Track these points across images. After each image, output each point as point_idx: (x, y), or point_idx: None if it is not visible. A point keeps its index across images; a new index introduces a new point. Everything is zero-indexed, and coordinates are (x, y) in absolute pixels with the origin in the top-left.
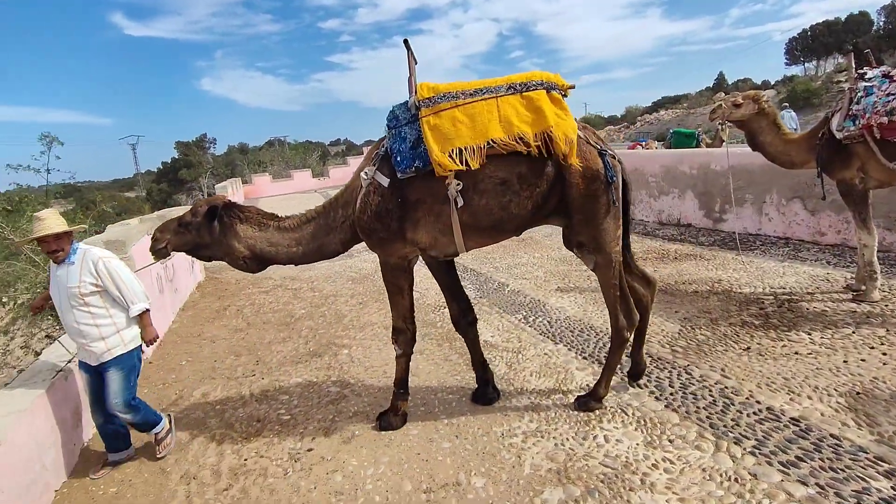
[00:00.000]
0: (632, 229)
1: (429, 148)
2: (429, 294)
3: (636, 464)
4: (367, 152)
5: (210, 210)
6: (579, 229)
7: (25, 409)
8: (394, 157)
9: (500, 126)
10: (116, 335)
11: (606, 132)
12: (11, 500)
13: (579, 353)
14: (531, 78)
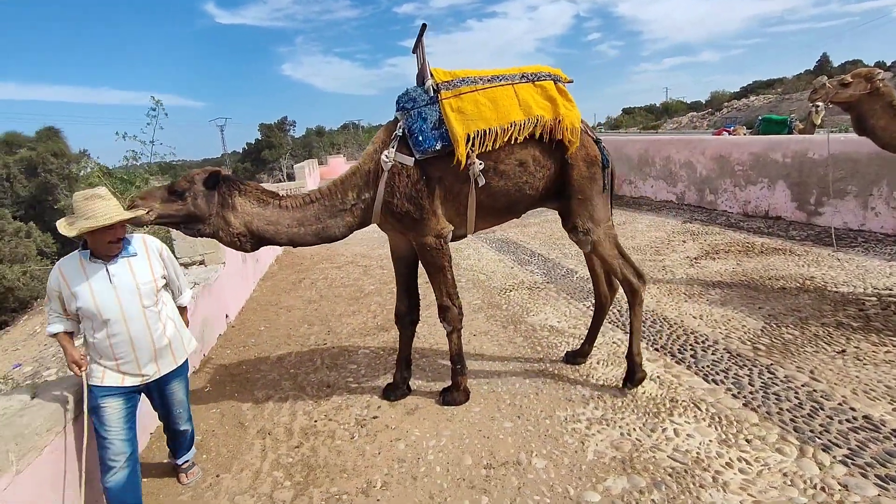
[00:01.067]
0: (641, 214)
1: (451, 128)
2: (495, 277)
3: (708, 461)
4: (378, 135)
5: (212, 176)
6: (577, 209)
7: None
8: (414, 136)
9: (520, 110)
10: (180, 334)
11: (689, 119)
12: None
13: (650, 343)
14: (540, 70)
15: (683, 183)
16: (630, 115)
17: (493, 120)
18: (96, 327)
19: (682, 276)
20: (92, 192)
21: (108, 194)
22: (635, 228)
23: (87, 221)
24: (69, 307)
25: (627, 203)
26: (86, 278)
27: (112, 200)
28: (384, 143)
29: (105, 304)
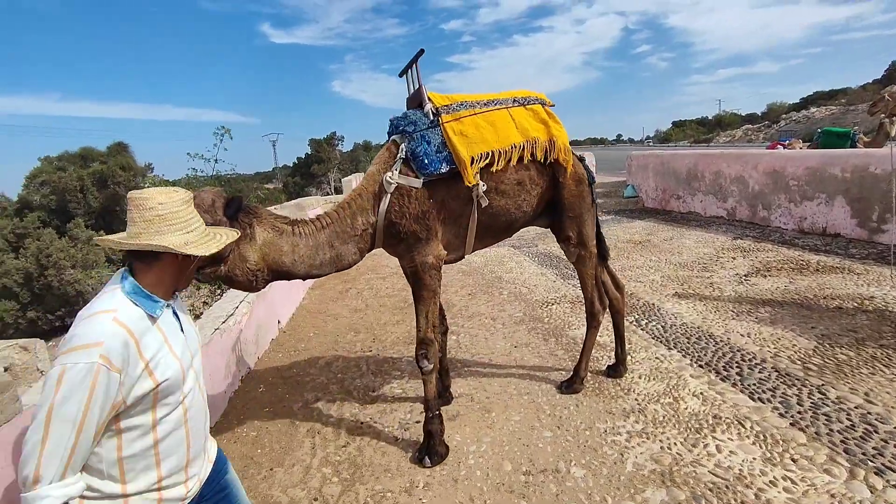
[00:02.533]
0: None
1: (455, 152)
2: (537, 290)
3: (751, 478)
4: (379, 157)
5: (233, 202)
6: (569, 226)
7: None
8: (419, 159)
9: (518, 132)
10: None
11: (744, 132)
12: None
13: (695, 360)
14: (527, 94)
15: (734, 198)
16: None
17: (495, 142)
18: (164, 416)
19: (730, 294)
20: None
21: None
22: (682, 244)
23: (215, 239)
24: (135, 391)
25: (675, 218)
26: (161, 334)
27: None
28: (386, 164)
29: (183, 371)
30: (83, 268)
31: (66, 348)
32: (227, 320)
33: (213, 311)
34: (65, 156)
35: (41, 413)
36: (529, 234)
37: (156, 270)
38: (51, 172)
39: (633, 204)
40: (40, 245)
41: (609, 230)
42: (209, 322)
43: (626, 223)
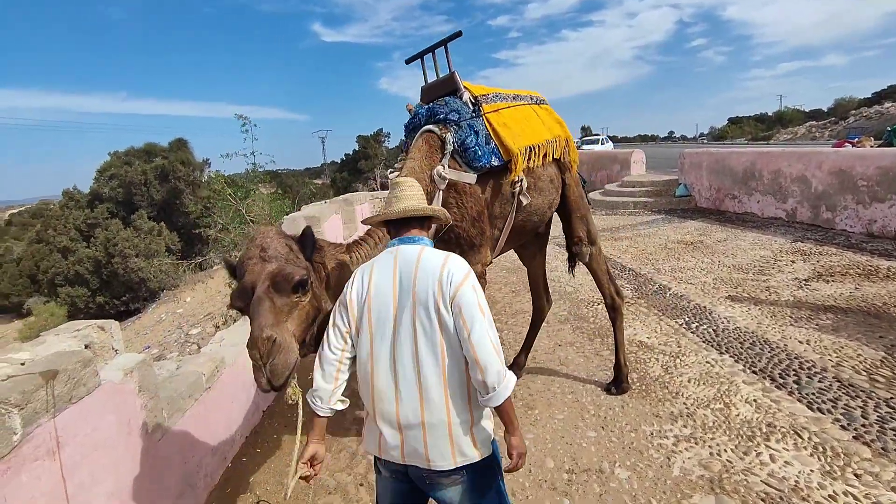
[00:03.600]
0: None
1: (505, 144)
2: (583, 289)
3: (808, 490)
4: (417, 148)
5: (307, 241)
6: (578, 226)
7: (245, 343)
8: (469, 150)
9: (545, 129)
10: None
11: (807, 129)
12: (239, 411)
13: (748, 365)
14: (533, 94)
15: (795, 199)
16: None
17: (532, 137)
18: None
19: (788, 299)
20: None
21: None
22: (737, 246)
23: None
24: None
25: (730, 219)
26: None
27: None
28: (430, 158)
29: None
30: (146, 257)
31: (462, 274)
32: None
33: None
34: (131, 151)
35: (486, 316)
36: None
37: (426, 230)
38: (118, 166)
39: (686, 203)
40: (108, 234)
41: (659, 230)
42: None
43: (678, 223)
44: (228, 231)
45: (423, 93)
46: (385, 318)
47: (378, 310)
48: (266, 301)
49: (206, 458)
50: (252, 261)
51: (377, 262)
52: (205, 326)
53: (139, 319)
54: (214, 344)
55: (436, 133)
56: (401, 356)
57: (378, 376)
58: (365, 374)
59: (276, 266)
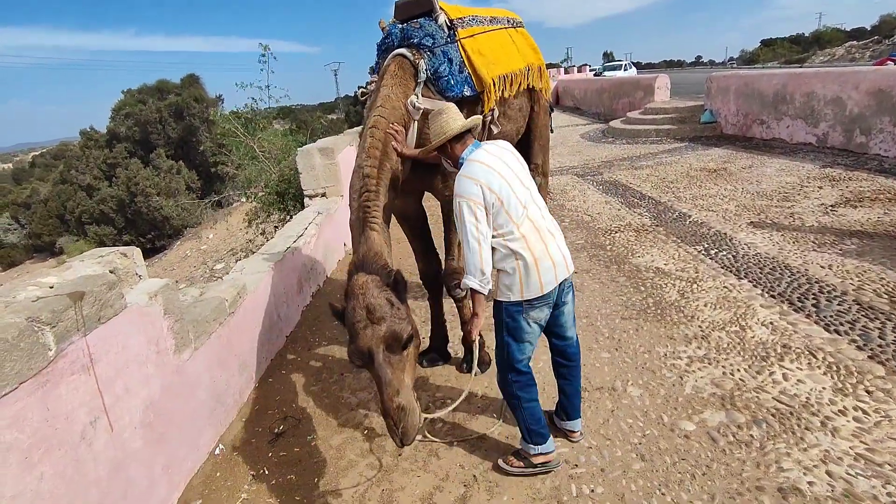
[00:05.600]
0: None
1: (478, 73)
2: (600, 218)
3: (818, 406)
4: (390, 74)
5: (399, 287)
6: (537, 154)
7: (265, 272)
8: (443, 79)
9: (520, 56)
10: None
11: (846, 49)
12: (262, 335)
13: (766, 290)
14: (508, 14)
15: (827, 122)
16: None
17: (506, 65)
18: None
19: (812, 224)
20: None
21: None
22: (762, 173)
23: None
24: None
25: (756, 146)
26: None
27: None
28: (403, 86)
29: None
30: (167, 195)
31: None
32: (297, 240)
33: (284, 231)
34: (144, 88)
35: None
36: (595, 162)
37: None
38: (133, 105)
39: (711, 130)
40: (129, 174)
41: (681, 158)
42: (281, 241)
43: (701, 151)
44: (243, 168)
45: (397, 9)
46: (514, 184)
47: (505, 180)
48: (387, 368)
49: (233, 378)
50: (361, 324)
51: (484, 158)
52: (228, 262)
53: (165, 256)
54: (236, 273)
55: (409, 59)
56: (539, 209)
57: (539, 224)
58: (521, 220)
59: (386, 329)
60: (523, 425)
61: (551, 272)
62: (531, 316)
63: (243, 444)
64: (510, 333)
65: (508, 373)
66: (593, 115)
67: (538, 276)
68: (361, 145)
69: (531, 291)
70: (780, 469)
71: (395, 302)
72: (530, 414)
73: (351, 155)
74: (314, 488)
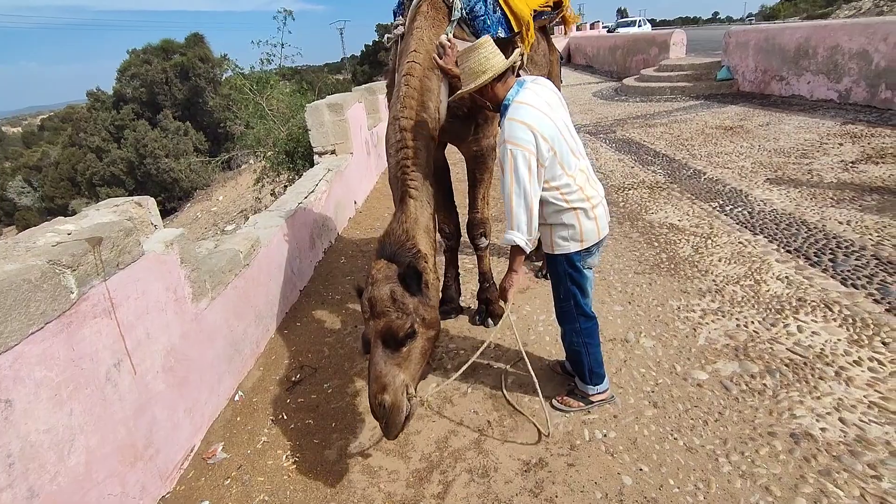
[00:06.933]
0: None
1: (515, 12)
2: (613, 175)
3: (833, 357)
4: (422, 12)
5: (411, 278)
6: None
7: (278, 226)
8: (479, 18)
9: None
10: None
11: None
12: (277, 289)
13: (782, 245)
14: None
15: (851, 77)
16: (791, 1)
17: (534, 3)
18: None
19: (831, 181)
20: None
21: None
22: (780, 130)
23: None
24: None
25: (774, 103)
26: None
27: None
28: (437, 25)
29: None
30: (175, 157)
31: None
32: (308, 196)
33: (295, 188)
34: (148, 48)
35: None
36: (608, 121)
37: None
38: (138, 65)
39: (727, 87)
40: (137, 136)
41: (696, 115)
42: (292, 197)
43: (717, 108)
44: (251, 127)
45: None
46: (565, 132)
47: (557, 128)
48: (379, 363)
49: (250, 328)
50: (365, 315)
51: (534, 101)
52: (239, 223)
53: (176, 218)
54: (249, 227)
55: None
56: (583, 153)
57: (587, 169)
58: (576, 172)
59: (383, 325)
60: (586, 368)
61: (605, 217)
62: (589, 262)
63: (262, 391)
64: (574, 283)
65: (578, 321)
66: (606, 73)
67: (596, 222)
68: (396, 94)
69: (590, 238)
70: (792, 416)
71: (401, 295)
72: (594, 357)
73: (359, 112)
74: (332, 431)
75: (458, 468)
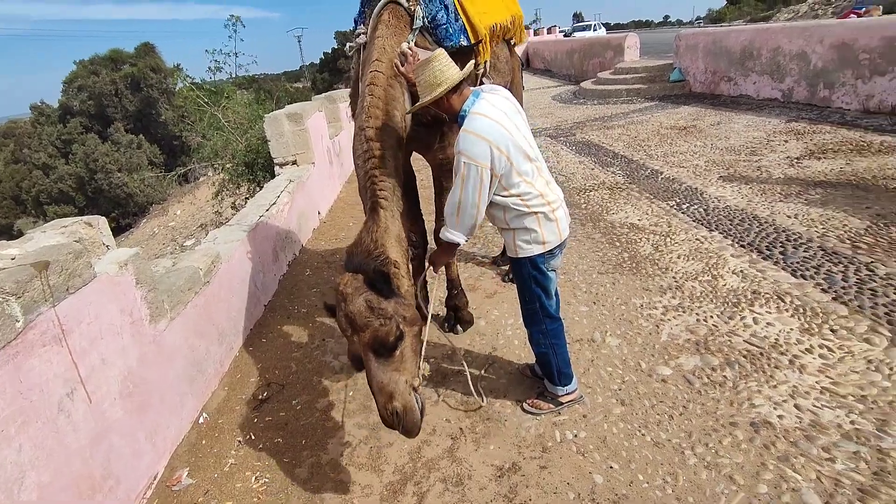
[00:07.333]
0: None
1: (473, 22)
2: (574, 178)
3: (787, 346)
4: (383, 21)
5: (380, 282)
6: None
7: (240, 240)
8: (441, 27)
9: (504, 5)
10: None
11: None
12: (240, 305)
13: (737, 240)
14: None
15: (792, 77)
16: (736, 5)
17: (494, 15)
18: None
19: (779, 177)
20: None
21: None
22: (731, 129)
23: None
24: None
25: (724, 103)
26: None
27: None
28: (399, 34)
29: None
30: (128, 171)
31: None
32: (269, 209)
33: (256, 200)
34: (96, 59)
35: None
36: (568, 124)
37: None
38: (85, 77)
39: (680, 88)
40: (86, 150)
41: (652, 117)
42: (253, 210)
43: (671, 109)
44: (208, 139)
45: None
46: (521, 141)
47: (513, 137)
48: (378, 374)
49: (213, 347)
50: (347, 333)
51: (489, 112)
52: (199, 237)
53: (132, 235)
54: (209, 242)
55: (403, 6)
56: (540, 158)
57: (546, 174)
58: (534, 178)
59: (370, 336)
60: (555, 370)
61: (565, 219)
62: (552, 265)
63: (228, 411)
64: (538, 285)
65: (544, 323)
66: (564, 76)
67: (557, 224)
68: (360, 104)
69: (552, 241)
70: (751, 405)
71: (377, 302)
72: (562, 358)
73: (320, 121)
74: (302, 449)
75: (433, 478)
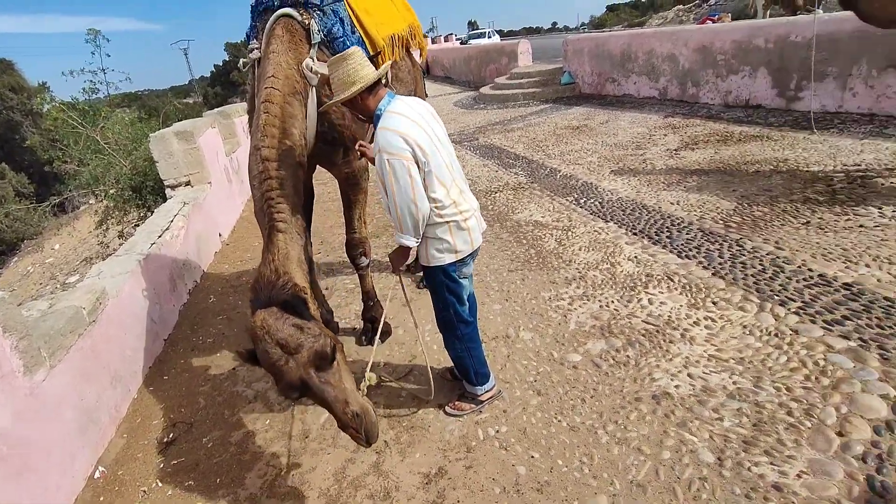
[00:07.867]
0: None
1: (370, 34)
2: (480, 181)
3: (678, 321)
4: (277, 37)
5: (297, 308)
6: None
7: (129, 272)
8: (338, 41)
9: (400, 16)
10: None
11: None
12: (135, 342)
13: (629, 229)
14: None
15: (666, 77)
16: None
17: (391, 25)
18: None
19: (661, 168)
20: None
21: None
22: (617, 126)
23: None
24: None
25: (610, 102)
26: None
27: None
28: (296, 50)
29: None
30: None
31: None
32: (162, 234)
33: (146, 227)
34: None
35: None
36: (470, 128)
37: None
38: None
39: (571, 91)
40: None
41: (547, 118)
42: (144, 238)
43: (564, 110)
44: (86, 164)
45: None
46: (438, 145)
47: (431, 140)
48: (326, 388)
49: (105, 392)
50: (280, 361)
51: (406, 111)
52: (83, 272)
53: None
54: (92, 278)
55: (296, 19)
56: (457, 166)
57: (461, 182)
58: (450, 185)
59: (308, 354)
60: (472, 371)
61: (478, 228)
62: (464, 272)
63: (128, 460)
64: (451, 292)
65: (457, 328)
66: (464, 83)
67: (469, 234)
68: (255, 123)
69: (464, 250)
70: (652, 380)
71: (302, 323)
72: (478, 359)
73: (214, 138)
74: (217, 488)
75: (360, 496)
